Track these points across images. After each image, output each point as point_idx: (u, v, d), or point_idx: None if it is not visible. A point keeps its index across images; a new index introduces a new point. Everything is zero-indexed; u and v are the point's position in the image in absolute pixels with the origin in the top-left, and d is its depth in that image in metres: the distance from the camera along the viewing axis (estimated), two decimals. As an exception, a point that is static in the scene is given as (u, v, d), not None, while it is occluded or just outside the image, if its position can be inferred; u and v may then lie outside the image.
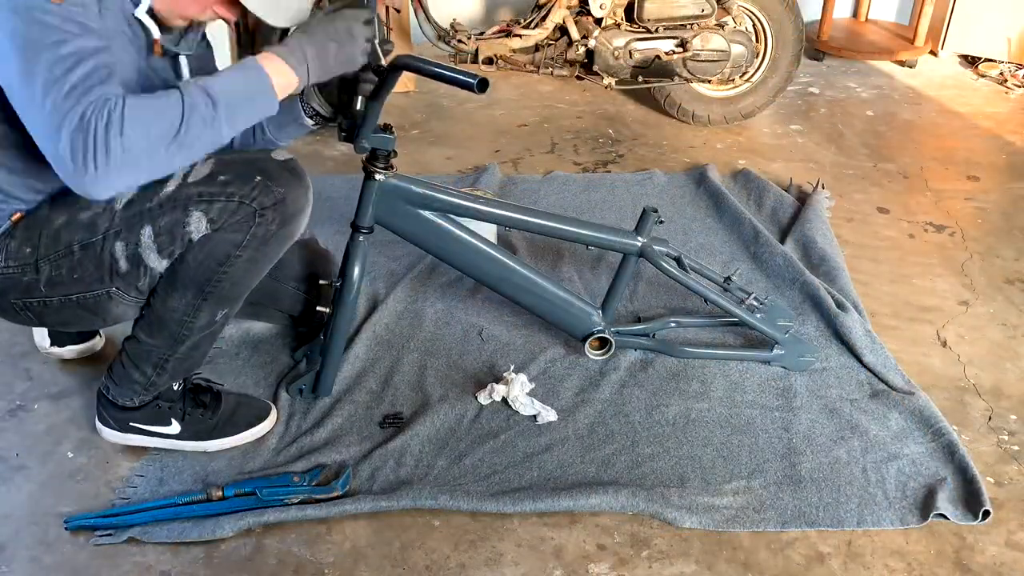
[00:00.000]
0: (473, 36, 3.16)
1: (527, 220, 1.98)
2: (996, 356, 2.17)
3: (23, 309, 1.58)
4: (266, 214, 1.51)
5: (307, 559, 1.58)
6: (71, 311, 1.58)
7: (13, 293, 1.55)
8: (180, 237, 1.50)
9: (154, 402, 1.73)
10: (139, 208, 1.49)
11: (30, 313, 1.59)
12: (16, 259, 1.52)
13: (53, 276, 1.52)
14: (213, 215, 1.49)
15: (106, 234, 1.50)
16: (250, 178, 1.50)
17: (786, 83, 3.35)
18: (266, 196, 1.50)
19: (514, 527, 1.65)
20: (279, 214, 1.52)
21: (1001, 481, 1.80)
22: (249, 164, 1.52)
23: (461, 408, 1.90)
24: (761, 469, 1.78)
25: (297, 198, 1.54)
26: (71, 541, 1.60)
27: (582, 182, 2.92)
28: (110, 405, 1.74)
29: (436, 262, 2.35)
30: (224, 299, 1.60)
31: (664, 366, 2.05)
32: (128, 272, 1.52)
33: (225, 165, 1.51)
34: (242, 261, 1.55)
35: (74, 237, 1.50)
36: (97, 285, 1.54)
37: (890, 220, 2.77)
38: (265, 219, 1.51)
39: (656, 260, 1.98)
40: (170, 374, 1.69)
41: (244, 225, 1.51)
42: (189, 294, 1.56)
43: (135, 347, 1.67)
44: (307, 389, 1.91)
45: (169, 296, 1.57)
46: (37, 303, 1.56)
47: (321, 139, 3.17)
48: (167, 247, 1.51)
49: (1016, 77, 3.90)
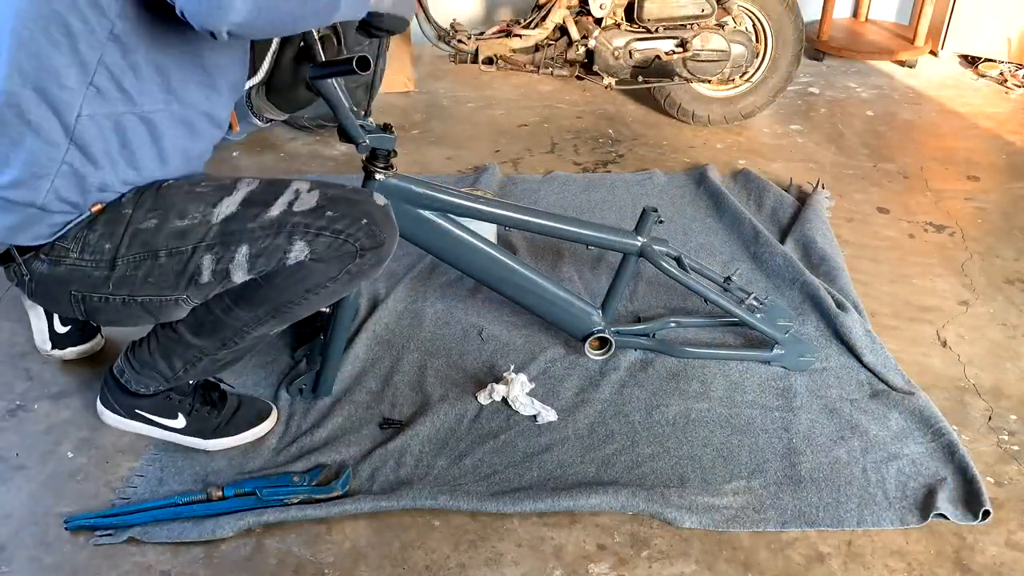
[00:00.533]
0: (473, 36, 3.16)
1: (527, 220, 1.98)
2: (996, 356, 2.17)
3: (79, 302, 1.56)
4: (365, 255, 1.54)
5: (307, 559, 1.58)
6: (129, 310, 1.56)
7: (76, 285, 1.53)
8: (277, 260, 1.51)
9: (166, 393, 1.73)
10: (239, 226, 1.50)
11: (83, 307, 1.57)
12: (93, 252, 1.50)
13: (127, 276, 1.51)
14: (317, 248, 1.51)
15: (197, 245, 1.49)
16: (358, 219, 1.52)
17: (786, 83, 3.35)
18: (369, 238, 1.53)
19: (514, 527, 1.65)
20: (375, 256, 1.56)
21: (1001, 481, 1.80)
22: (355, 205, 1.54)
23: (461, 408, 1.90)
24: (761, 469, 1.78)
25: (392, 244, 1.58)
26: (71, 541, 1.60)
27: (582, 182, 2.92)
28: (118, 389, 1.74)
29: (436, 262, 2.35)
30: (289, 318, 1.62)
31: (664, 366, 2.05)
32: (207, 283, 1.52)
33: (331, 201, 1.53)
34: (327, 292, 1.57)
35: (162, 243, 1.49)
36: (170, 291, 1.53)
37: (890, 220, 2.77)
38: (364, 259, 1.54)
39: (656, 260, 1.98)
40: (198, 372, 1.69)
41: (343, 261, 1.53)
42: (262, 311, 1.58)
43: (172, 339, 1.65)
44: (307, 389, 1.91)
45: (239, 307, 1.58)
46: (97, 298, 1.54)
47: (321, 139, 3.17)
48: (260, 267, 1.52)
49: (1016, 77, 3.90)
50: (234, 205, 1.51)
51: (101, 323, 1.63)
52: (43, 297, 1.59)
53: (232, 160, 3.01)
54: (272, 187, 1.55)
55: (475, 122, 3.39)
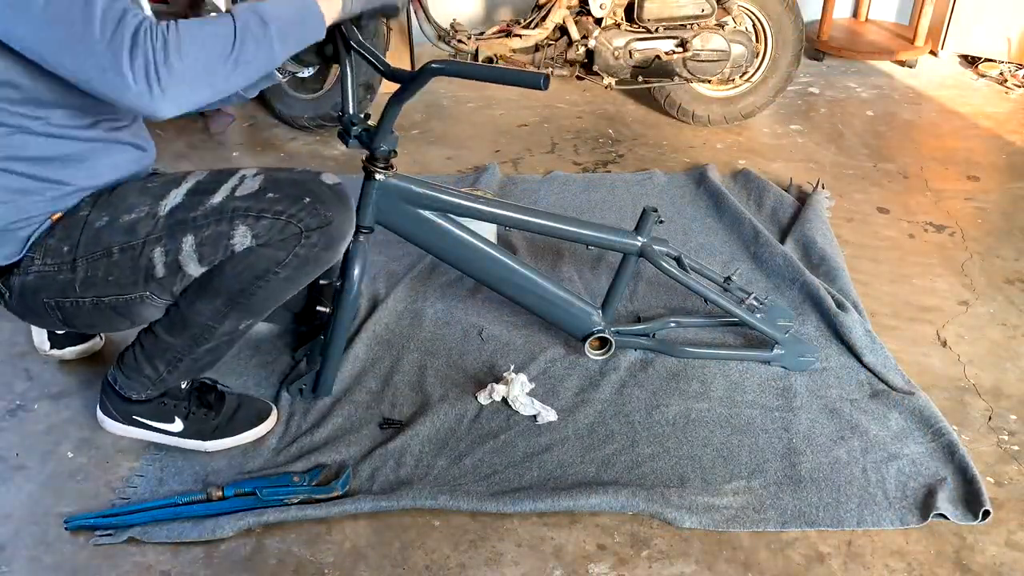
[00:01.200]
0: (473, 36, 3.16)
1: (527, 220, 1.98)
2: (996, 356, 2.17)
3: (54, 309, 1.58)
4: (311, 236, 1.52)
5: (307, 559, 1.58)
6: (101, 313, 1.58)
7: (46, 292, 1.55)
8: (223, 248, 1.51)
9: (160, 398, 1.73)
10: (183, 216, 1.50)
11: (60, 314, 1.59)
12: (54, 257, 1.52)
13: (88, 276, 1.53)
14: (259, 231, 1.50)
15: (147, 239, 1.50)
16: (299, 198, 1.51)
17: (786, 83, 3.35)
18: (313, 218, 1.51)
19: (514, 527, 1.65)
20: (324, 236, 1.53)
21: (1001, 481, 1.80)
22: (299, 184, 1.53)
23: (461, 408, 1.90)
24: (761, 469, 1.78)
25: (342, 223, 1.56)
26: (71, 541, 1.60)
27: (582, 182, 2.92)
28: (115, 396, 1.74)
29: (436, 262, 2.35)
30: (252, 311, 1.61)
31: (664, 366, 2.05)
32: (164, 278, 1.53)
33: (274, 183, 1.53)
34: (279, 279, 1.56)
35: (114, 239, 1.51)
36: (132, 288, 1.54)
37: (890, 220, 2.77)
38: (310, 240, 1.52)
39: (656, 260, 1.98)
40: (181, 373, 1.70)
41: (288, 244, 1.52)
42: (219, 301, 1.57)
43: (152, 342, 1.66)
44: (307, 389, 1.91)
45: (198, 300, 1.58)
46: (69, 303, 1.56)
47: (321, 139, 3.17)
48: (208, 256, 1.51)
49: (1016, 77, 3.90)
50: (180, 196, 1.52)
51: (81, 329, 1.66)
52: (23, 310, 1.61)
53: (233, 160, 3.01)
54: (219, 175, 1.55)
55: (475, 122, 3.39)
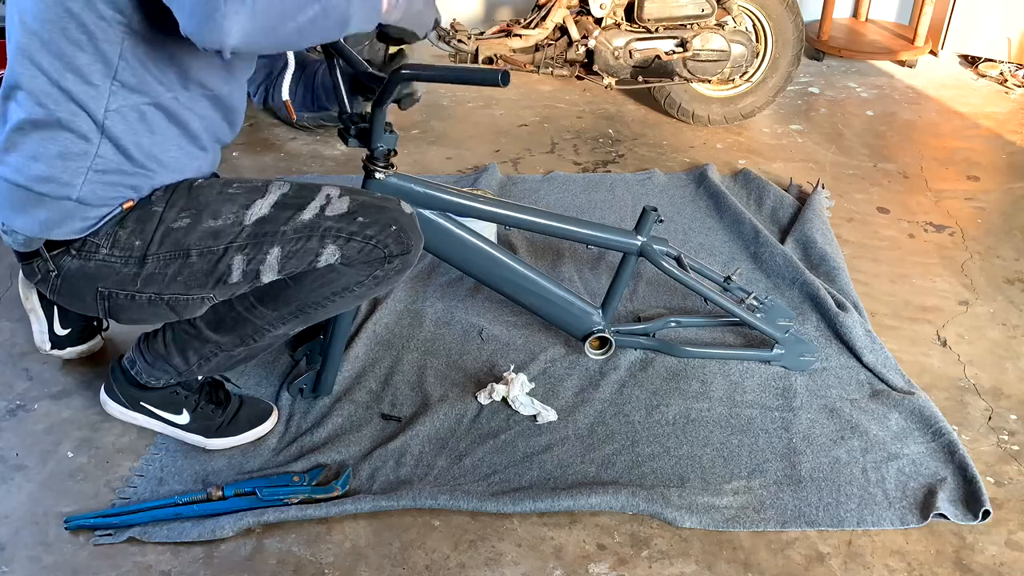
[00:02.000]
0: (473, 36, 3.16)
1: (527, 219, 1.98)
2: (996, 356, 2.17)
3: (104, 299, 1.57)
4: (393, 261, 1.57)
5: (307, 559, 1.58)
6: (154, 308, 1.57)
7: (104, 281, 1.54)
8: (308, 263, 1.54)
9: (173, 388, 1.73)
10: (271, 228, 1.52)
11: (108, 304, 1.57)
12: (123, 249, 1.51)
13: (156, 274, 1.52)
14: (348, 252, 1.54)
15: (229, 246, 1.51)
16: (388, 225, 1.56)
17: (786, 83, 3.35)
18: (397, 245, 1.57)
19: (514, 527, 1.65)
20: (402, 263, 1.59)
21: (1001, 481, 1.80)
22: (385, 211, 1.57)
23: (461, 408, 1.90)
24: (761, 469, 1.78)
25: (418, 251, 1.62)
26: (71, 541, 1.60)
27: (582, 182, 2.92)
28: (126, 381, 1.74)
29: (436, 262, 2.35)
30: (312, 319, 1.64)
31: (664, 366, 2.05)
32: (236, 283, 1.54)
33: (362, 206, 1.56)
34: (352, 296, 1.60)
35: (195, 242, 1.51)
36: (198, 290, 1.55)
37: (890, 220, 2.77)
38: (391, 265, 1.58)
39: (656, 259, 1.98)
40: (211, 368, 1.70)
41: (371, 267, 1.57)
42: (288, 311, 1.60)
43: (190, 334, 1.66)
44: (307, 389, 1.91)
45: (264, 306, 1.59)
46: (124, 295, 1.55)
47: (321, 139, 3.17)
48: (289, 269, 1.54)
49: (1016, 77, 3.90)
50: (267, 207, 1.53)
51: (123, 322, 1.65)
52: (68, 294, 1.59)
53: (232, 160, 3.01)
54: (303, 191, 1.57)
55: (475, 122, 3.39)
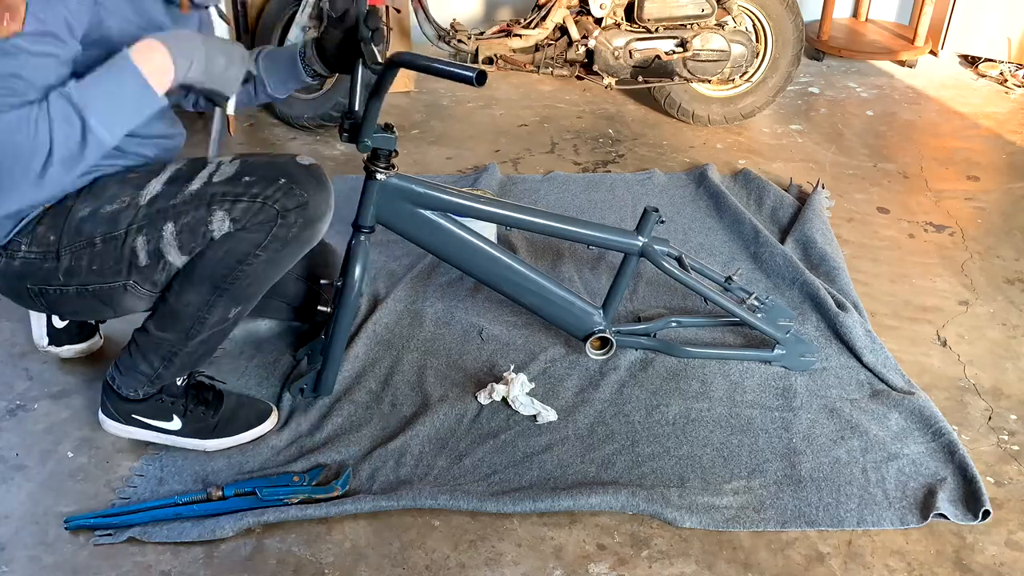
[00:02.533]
0: (473, 36, 3.16)
1: (528, 220, 1.98)
2: (996, 356, 2.17)
3: (38, 295, 1.60)
4: (288, 216, 1.54)
5: (307, 559, 1.58)
6: (85, 301, 1.60)
7: (31, 279, 1.57)
8: (202, 235, 1.53)
9: (158, 395, 1.74)
10: (163, 204, 1.52)
11: (44, 300, 1.61)
12: (40, 245, 1.54)
13: (72, 266, 1.54)
14: (236, 215, 1.52)
15: (128, 228, 1.52)
16: (274, 180, 1.53)
17: (786, 83, 3.35)
18: (289, 199, 1.53)
19: (514, 527, 1.65)
20: (301, 217, 1.55)
21: (1001, 481, 1.80)
22: (274, 166, 1.55)
23: (461, 408, 1.90)
24: (761, 469, 1.78)
25: (319, 203, 1.57)
26: (71, 541, 1.60)
27: (582, 182, 2.92)
28: (115, 396, 1.75)
29: (436, 262, 2.35)
30: (239, 297, 1.62)
31: (664, 366, 2.05)
32: (147, 266, 1.55)
33: (250, 166, 1.55)
34: (260, 261, 1.57)
35: (96, 229, 1.52)
36: (114, 277, 1.56)
37: (890, 220, 2.77)
38: (287, 221, 1.54)
39: (657, 260, 1.98)
40: (177, 368, 1.70)
41: (266, 226, 1.54)
42: (205, 290, 1.58)
43: (145, 339, 1.67)
44: (308, 389, 1.91)
45: (185, 291, 1.59)
46: (53, 290, 1.58)
47: (321, 139, 3.17)
48: (188, 244, 1.54)
49: (1016, 77, 3.90)
50: (159, 185, 1.54)
51: (65, 316, 1.69)
52: (10, 293, 1.64)
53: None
54: (196, 163, 1.57)
55: (475, 122, 3.39)
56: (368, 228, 1.81)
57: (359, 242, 1.80)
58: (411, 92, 3.61)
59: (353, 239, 1.80)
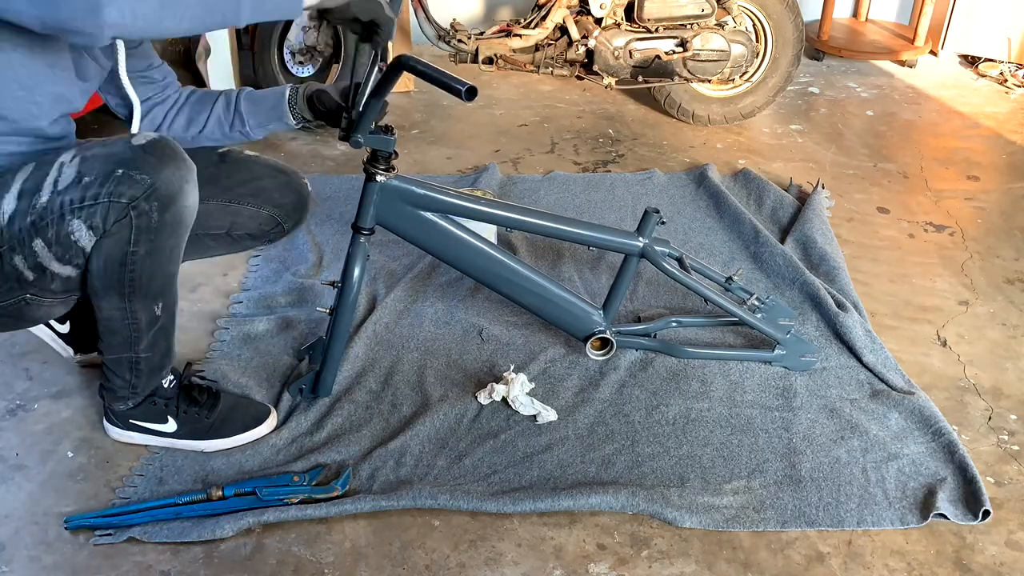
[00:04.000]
0: (473, 36, 3.16)
1: (528, 220, 1.98)
2: (996, 356, 2.17)
3: None
4: (139, 205, 1.44)
5: (307, 559, 1.58)
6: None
7: None
8: (73, 245, 1.46)
9: (150, 398, 1.74)
10: (22, 223, 1.44)
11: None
12: None
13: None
14: (94, 222, 1.44)
15: (2, 251, 1.46)
16: (111, 173, 1.42)
17: (786, 83, 3.36)
18: (132, 187, 1.42)
19: (514, 527, 1.65)
20: (155, 201, 1.45)
21: (1001, 481, 1.80)
22: (109, 157, 1.44)
23: (461, 408, 1.90)
24: (761, 469, 1.78)
25: (168, 180, 1.45)
26: (71, 541, 1.60)
27: (582, 182, 2.92)
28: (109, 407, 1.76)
29: (436, 262, 2.35)
30: (150, 293, 1.57)
31: (664, 366, 2.05)
32: (36, 279, 1.50)
33: (87, 163, 1.44)
34: (140, 256, 1.50)
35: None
36: (10, 294, 1.52)
37: (890, 220, 2.77)
38: (141, 210, 1.44)
39: (657, 261, 1.98)
40: (147, 374, 1.70)
41: (124, 223, 1.45)
42: (114, 300, 1.55)
43: (106, 358, 1.68)
44: (307, 389, 1.91)
45: (101, 307, 1.57)
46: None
47: (321, 139, 3.17)
48: (65, 255, 1.47)
49: (1016, 77, 3.90)
50: (12, 201, 1.44)
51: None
52: None
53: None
54: (40, 169, 1.45)
55: (475, 122, 3.39)
56: (368, 230, 1.81)
57: (359, 244, 1.80)
58: (411, 92, 3.61)
59: (353, 241, 1.80)
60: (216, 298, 2.27)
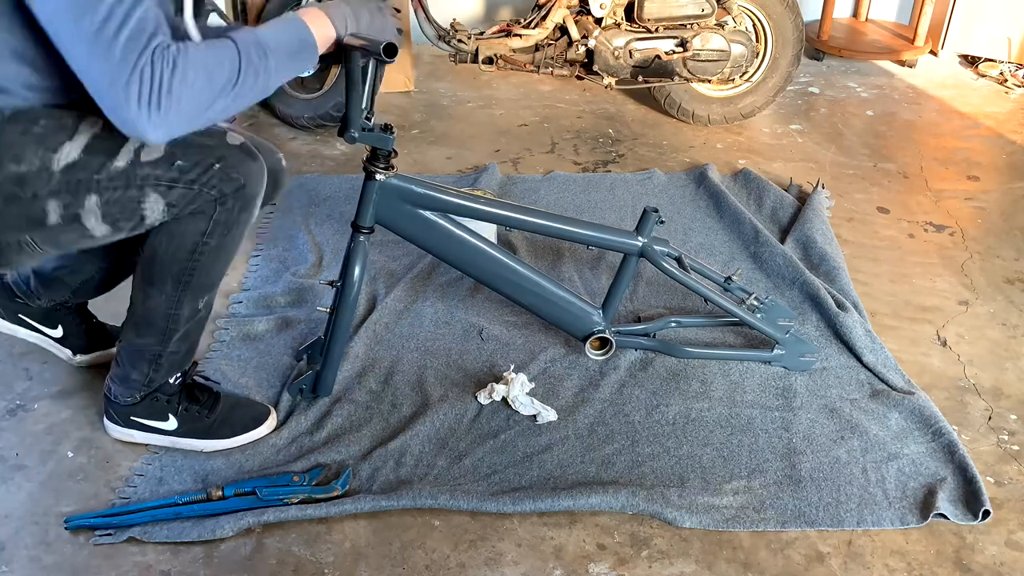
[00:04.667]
0: (473, 36, 3.16)
1: (528, 220, 1.98)
2: (996, 356, 2.17)
3: None
4: (227, 201, 1.51)
5: (307, 559, 1.58)
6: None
7: None
8: (132, 212, 1.46)
9: (153, 395, 1.74)
10: (84, 176, 1.43)
11: None
12: None
13: None
14: (172, 200, 1.47)
15: (37, 193, 1.42)
16: (210, 165, 1.47)
17: (786, 83, 3.35)
18: (227, 184, 1.49)
19: (514, 527, 1.65)
20: (240, 199, 1.52)
21: (1001, 481, 1.80)
22: (206, 149, 1.48)
23: (461, 408, 1.90)
24: (761, 469, 1.78)
25: (256, 183, 1.54)
26: (71, 541, 1.60)
27: (582, 182, 2.92)
28: (113, 403, 1.75)
29: (436, 262, 2.35)
30: (201, 287, 1.62)
31: (664, 366, 2.05)
32: (56, 226, 1.45)
33: (181, 148, 1.47)
34: (210, 248, 1.56)
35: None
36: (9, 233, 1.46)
37: (890, 220, 2.77)
38: (226, 206, 1.51)
39: (657, 260, 1.98)
40: (167, 369, 1.71)
41: (206, 213, 1.51)
42: (168, 288, 1.58)
43: (128, 349, 1.68)
44: (307, 389, 1.91)
45: (148, 294, 1.59)
46: None
47: (321, 139, 3.17)
48: (115, 218, 1.46)
49: (1016, 77, 3.90)
50: (76, 151, 1.42)
51: None
52: None
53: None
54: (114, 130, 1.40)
55: (475, 122, 3.39)
56: (367, 229, 1.81)
57: (358, 243, 1.80)
58: (411, 92, 3.61)
59: (352, 240, 1.80)
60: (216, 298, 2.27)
